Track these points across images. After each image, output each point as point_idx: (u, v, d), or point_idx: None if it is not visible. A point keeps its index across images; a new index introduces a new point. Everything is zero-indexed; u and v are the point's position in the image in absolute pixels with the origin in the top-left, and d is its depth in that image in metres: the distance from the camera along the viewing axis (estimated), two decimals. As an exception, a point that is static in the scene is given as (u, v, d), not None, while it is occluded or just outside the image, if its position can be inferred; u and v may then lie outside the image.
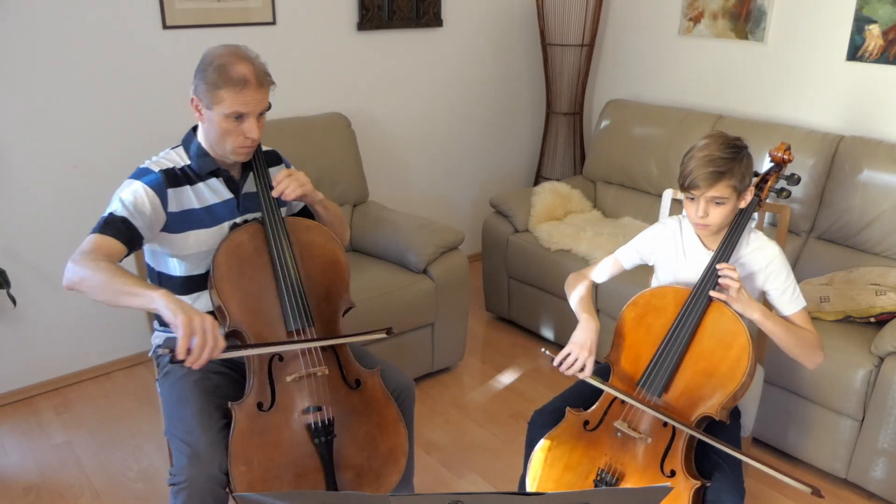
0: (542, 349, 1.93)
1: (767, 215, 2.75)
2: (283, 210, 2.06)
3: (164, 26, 2.88)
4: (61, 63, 2.71)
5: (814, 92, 3.16)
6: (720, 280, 1.73)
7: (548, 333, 3.34)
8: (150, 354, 2.02)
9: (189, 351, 1.49)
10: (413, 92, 3.74)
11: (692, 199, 1.76)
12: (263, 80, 1.74)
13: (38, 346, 2.92)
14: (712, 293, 1.74)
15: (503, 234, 3.42)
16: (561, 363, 1.80)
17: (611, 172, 3.65)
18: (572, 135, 4.11)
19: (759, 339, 2.32)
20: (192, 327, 1.49)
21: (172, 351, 1.50)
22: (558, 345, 3.33)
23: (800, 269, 2.93)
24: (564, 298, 3.14)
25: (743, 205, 1.80)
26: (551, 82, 4.02)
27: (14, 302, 2.66)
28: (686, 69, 3.65)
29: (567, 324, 3.21)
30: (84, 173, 2.86)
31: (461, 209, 4.16)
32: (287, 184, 1.83)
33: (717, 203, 1.73)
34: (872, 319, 2.48)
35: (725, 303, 1.76)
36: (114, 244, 1.67)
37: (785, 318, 1.83)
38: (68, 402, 2.92)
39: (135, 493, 2.40)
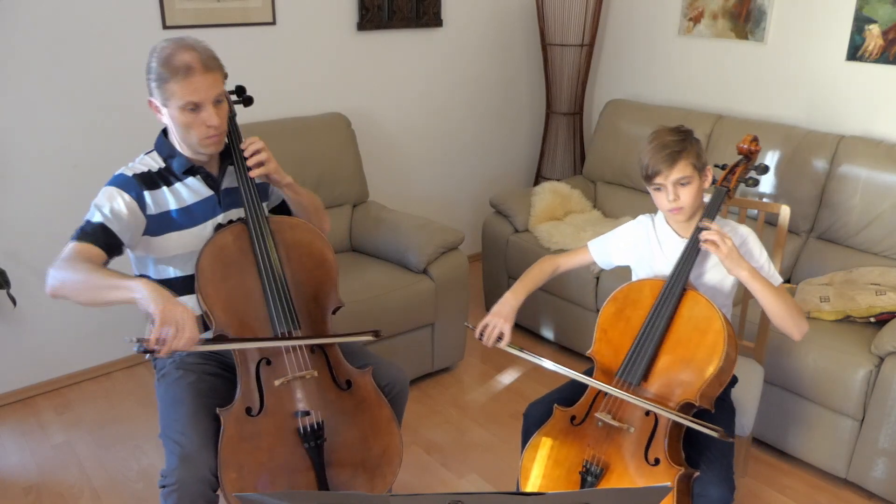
0: (465, 323, 2.03)
1: (767, 215, 2.75)
2: (265, 205, 2.04)
3: (164, 26, 2.88)
4: (62, 63, 2.71)
5: (814, 92, 3.16)
6: (704, 242, 1.76)
7: (548, 333, 3.34)
8: (146, 356, 2.01)
9: (163, 341, 1.48)
10: (413, 92, 3.74)
11: (659, 188, 1.83)
12: (210, 63, 1.69)
13: (38, 346, 2.93)
14: (704, 245, 1.77)
15: (503, 234, 3.42)
16: (482, 335, 1.89)
17: (611, 172, 3.65)
18: (572, 135, 4.10)
19: (759, 337, 2.33)
20: (166, 317, 1.48)
21: (145, 341, 1.49)
22: (558, 345, 3.33)
23: (800, 269, 2.93)
24: (565, 299, 3.17)
25: (706, 184, 1.85)
26: (551, 82, 4.02)
27: (14, 302, 2.66)
28: (686, 69, 3.65)
29: (568, 324, 3.21)
30: (84, 173, 2.85)
31: (461, 209, 4.16)
32: (258, 154, 1.80)
33: (682, 184, 1.80)
34: (872, 319, 2.48)
35: (700, 290, 1.79)
36: (92, 249, 1.65)
37: None
38: (68, 402, 2.92)
39: (135, 493, 2.40)
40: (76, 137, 2.81)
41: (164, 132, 1.84)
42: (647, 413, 1.72)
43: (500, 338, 1.89)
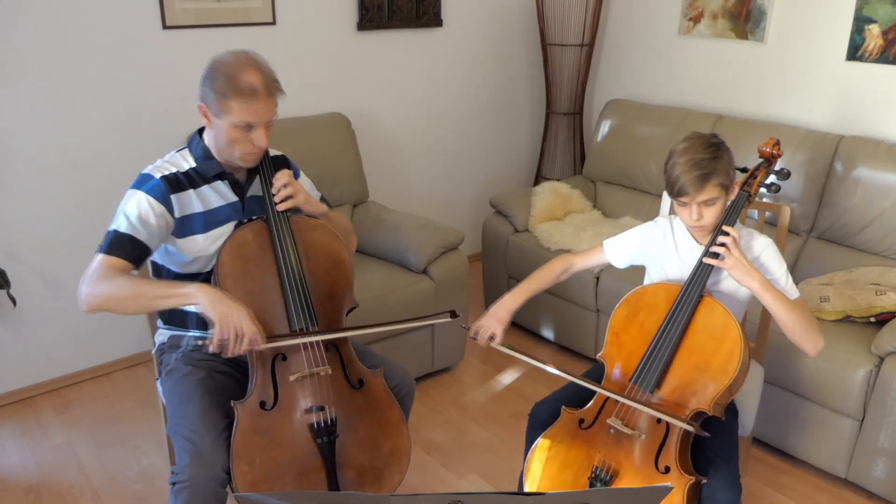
0: (462, 324, 2.14)
1: (767, 215, 2.75)
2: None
3: (164, 26, 2.88)
4: (61, 63, 2.71)
5: (814, 92, 3.16)
6: (717, 246, 1.74)
7: (548, 333, 3.34)
8: (153, 352, 2.02)
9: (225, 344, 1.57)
10: (413, 92, 3.73)
11: (684, 204, 1.78)
12: (273, 88, 1.73)
13: (38, 346, 2.92)
14: (708, 260, 1.75)
15: (503, 234, 3.42)
16: (476, 334, 1.92)
17: (611, 172, 3.65)
18: (572, 135, 4.11)
19: (760, 337, 2.33)
20: (226, 322, 1.55)
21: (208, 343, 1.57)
22: (558, 345, 3.33)
23: (800, 269, 2.93)
24: (565, 298, 3.17)
25: (732, 197, 1.82)
26: (551, 82, 4.02)
27: (14, 302, 2.65)
28: (686, 69, 3.65)
29: (568, 324, 3.21)
30: (84, 173, 2.85)
31: (461, 209, 4.16)
32: (284, 189, 1.83)
33: (708, 204, 1.75)
34: (872, 319, 2.48)
35: (716, 296, 1.77)
36: (122, 263, 1.69)
37: None
38: (68, 402, 2.91)
39: (135, 493, 2.40)
40: (76, 137, 2.81)
41: (199, 132, 1.85)
42: (659, 420, 1.71)
43: (492, 337, 1.91)
